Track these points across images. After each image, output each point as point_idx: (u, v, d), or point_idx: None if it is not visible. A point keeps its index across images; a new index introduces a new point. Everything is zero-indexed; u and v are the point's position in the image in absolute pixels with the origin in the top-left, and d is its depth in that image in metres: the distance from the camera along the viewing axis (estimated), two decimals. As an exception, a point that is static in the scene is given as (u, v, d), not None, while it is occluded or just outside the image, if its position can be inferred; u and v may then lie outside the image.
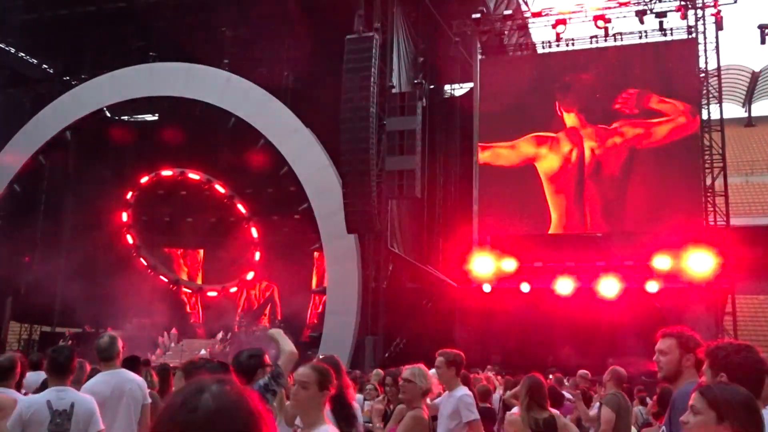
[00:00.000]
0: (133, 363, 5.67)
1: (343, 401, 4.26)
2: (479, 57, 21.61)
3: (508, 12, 21.29)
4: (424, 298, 19.71)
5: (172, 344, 21.22)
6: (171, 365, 9.17)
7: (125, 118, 27.11)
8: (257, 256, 23.69)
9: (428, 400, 4.66)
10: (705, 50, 19.44)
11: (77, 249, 22.24)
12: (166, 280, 24.41)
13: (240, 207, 23.87)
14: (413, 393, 4.48)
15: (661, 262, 17.61)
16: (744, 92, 37.79)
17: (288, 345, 4.38)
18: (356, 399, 5.92)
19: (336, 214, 17.86)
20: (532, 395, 4.99)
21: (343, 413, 4.20)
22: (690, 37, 19.76)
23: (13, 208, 22.55)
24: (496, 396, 8.46)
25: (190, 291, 24.28)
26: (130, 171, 23.98)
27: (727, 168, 19.70)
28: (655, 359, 3.18)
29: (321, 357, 4.77)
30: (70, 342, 20.10)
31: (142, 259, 24.31)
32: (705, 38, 19.46)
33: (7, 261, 21.98)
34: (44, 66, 26.70)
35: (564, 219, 19.92)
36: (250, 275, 23.70)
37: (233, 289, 23.82)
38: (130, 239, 24.32)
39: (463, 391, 4.97)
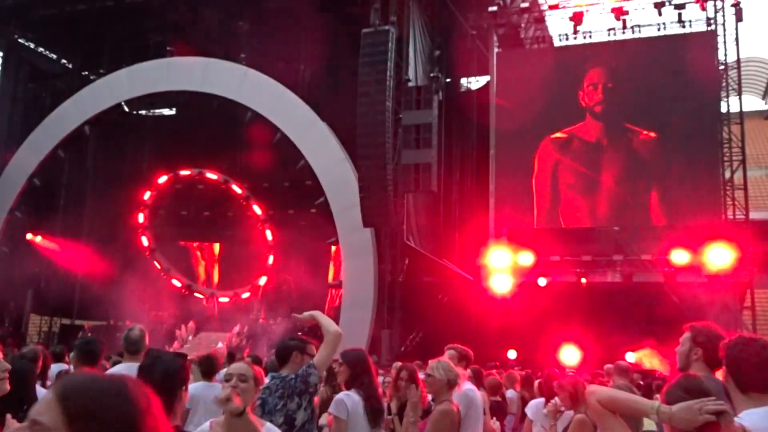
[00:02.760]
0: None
1: (371, 396, 4.30)
2: (496, 50, 21.52)
3: (525, 5, 21.18)
4: (440, 292, 19.70)
5: (190, 337, 21.34)
6: (188, 358, 9.26)
7: (143, 112, 27.29)
8: (271, 259, 23.53)
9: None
10: (725, 42, 19.24)
11: (96, 242, 22.44)
12: (179, 284, 24.39)
13: (256, 208, 23.76)
14: (436, 386, 4.50)
15: (680, 256, 17.49)
16: (764, 85, 37.33)
17: (331, 325, 4.38)
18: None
19: (352, 208, 17.88)
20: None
21: (371, 409, 4.23)
22: (709, 29, 19.55)
23: (33, 202, 22.78)
24: (511, 392, 8.38)
25: (202, 297, 24.12)
26: (148, 167, 24.12)
27: (749, 161, 19.52)
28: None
29: (347, 350, 4.78)
30: (90, 335, 20.32)
31: (155, 263, 24.34)
32: (725, 30, 19.25)
33: (27, 254, 22.28)
34: (63, 61, 26.91)
35: (581, 212, 19.83)
36: (262, 280, 23.56)
37: (245, 295, 23.60)
38: (145, 241, 24.39)
39: (467, 386, 5.03)
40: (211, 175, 23.88)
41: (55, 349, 7.79)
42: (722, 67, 19.39)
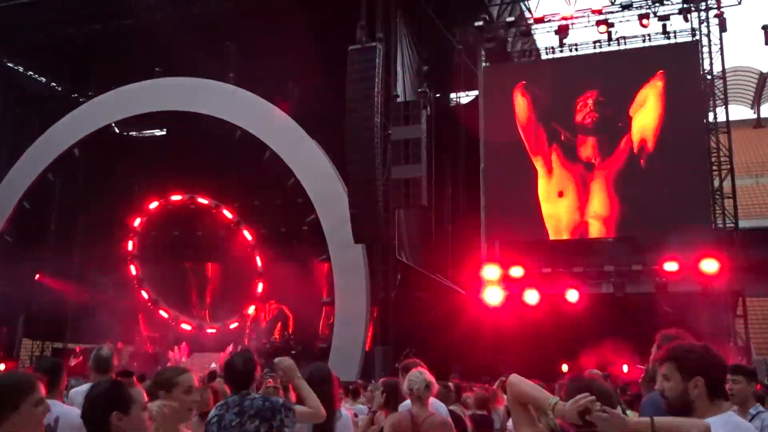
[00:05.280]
0: (128, 377, 5.67)
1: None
2: (483, 64, 21.63)
3: (511, 19, 21.32)
4: (433, 307, 19.65)
5: (183, 358, 21.23)
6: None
7: (133, 133, 27.31)
8: (260, 287, 23.46)
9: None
10: (710, 52, 19.40)
11: (88, 265, 22.34)
12: (166, 315, 24.24)
13: (246, 234, 23.71)
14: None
15: (670, 265, 17.50)
16: (752, 94, 37.64)
17: (311, 401, 4.13)
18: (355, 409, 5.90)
19: (343, 224, 17.85)
20: None
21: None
22: (694, 39, 19.72)
23: (24, 226, 22.70)
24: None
25: (190, 328, 23.91)
26: (138, 189, 24.08)
27: (738, 170, 19.61)
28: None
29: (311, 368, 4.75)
30: (80, 358, 20.18)
31: (143, 293, 24.21)
32: (709, 40, 19.41)
33: (18, 279, 22.16)
34: (52, 84, 26.95)
35: (571, 224, 19.87)
36: (251, 309, 23.44)
37: (234, 325, 23.46)
38: (133, 270, 24.28)
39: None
40: (202, 200, 23.84)
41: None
42: (709, 77, 19.53)
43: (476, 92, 22.54)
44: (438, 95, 23.57)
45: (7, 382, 2.57)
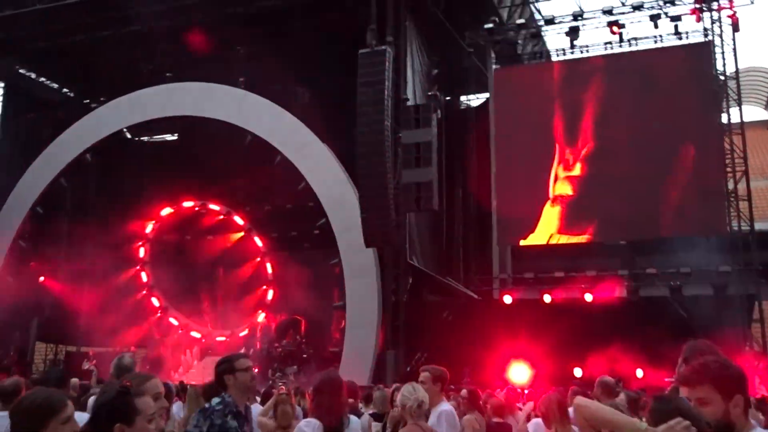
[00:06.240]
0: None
1: (328, 417, 4.30)
2: (494, 67, 21.55)
3: (521, 21, 21.24)
4: (445, 311, 19.56)
5: (195, 362, 21.27)
6: (194, 383, 9.21)
7: (144, 138, 27.41)
8: (270, 295, 23.44)
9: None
10: (723, 53, 19.22)
11: (100, 270, 22.41)
12: (176, 323, 24.25)
13: (257, 240, 23.69)
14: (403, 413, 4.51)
15: (685, 268, 17.34)
16: (766, 94, 37.25)
17: None
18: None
19: (354, 228, 17.79)
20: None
21: (328, 427, 4.23)
22: (706, 39, 19.54)
23: (37, 231, 22.83)
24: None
25: (199, 336, 23.87)
26: (150, 193, 24.12)
27: (752, 171, 19.40)
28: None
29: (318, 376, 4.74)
30: (93, 362, 20.24)
31: (154, 299, 24.26)
32: (722, 40, 19.24)
33: (31, 283, 22.30)
34: (64, 90, 27.11)
35: (585, 227, 19.72)
36: (261, 317, 23.41)
37: (243, 333, 23.41)
38: (144, 277, 24.34)
39: (445, 406, 4.96)
40: (214, 207, 23.88)
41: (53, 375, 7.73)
42: (722, 77, 19.34)
43: (487, 94, 22.45)
44: (448, 98, 23.51)
45: (38, 401, 2.53)
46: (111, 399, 2.74)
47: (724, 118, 19.12)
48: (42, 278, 22.97)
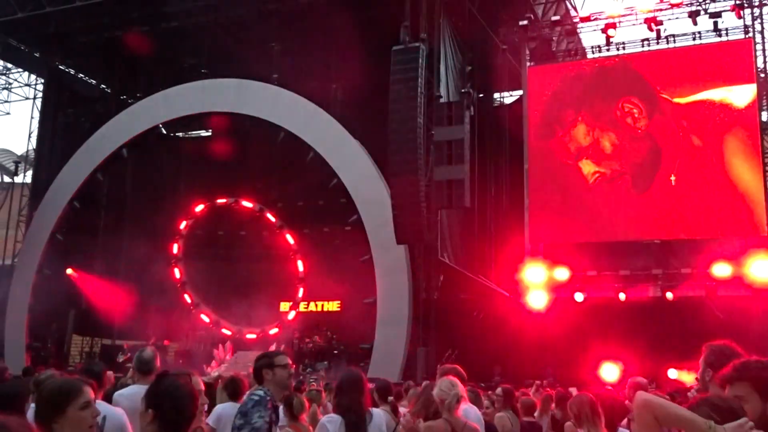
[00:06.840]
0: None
1: (351, 413, 4.38)
2: (528, 64, 21.37)
3: (556, 18, 21.03)
4: (476, 309, 19.50)
5: (227, 357, 21.48)
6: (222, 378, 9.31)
7: (180, 134, 27.76)
8: (300, 292, 23.49)
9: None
10: (763, 50, 18.84)
11: (136, 264, 22.77)
12: (207, 320, 24.45)
13: (289, 238, 23.77)
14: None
15: (721, 269, 17.05)
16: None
17: None
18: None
19: (386, 225, 17.83)
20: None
21: (349, 423, 4.32)
22: (747, 36, 19.15)
23: (74, 225, 23.26)
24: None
25: (230, 333, 24.00)
26: (184, 189, 24.41)
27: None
28: None
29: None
30: (128, 355, 20.56)
31: (186, 296, 24.51)
32: (763, 37, 18.86)
33: (68, 276, 22.75)
34: (102, 86, 27.57)
35: (619, 226, 19.49)
36: (291, 315, 23.48)
37: (273, 331, 23.47)
38: (177, 273, 24.60)
39: (464, 405, 5.03)
40: (247, 203, 24.05)
41: (93, 368, 7.88)
42: (763, 75, 18.97)
43: (520, 92, 22.29)
44: (481, 95, 23.39)
45: (53, 388, 2.62)
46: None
47: (764, 117, 18.74)
48: (77, 272, 23.33)
